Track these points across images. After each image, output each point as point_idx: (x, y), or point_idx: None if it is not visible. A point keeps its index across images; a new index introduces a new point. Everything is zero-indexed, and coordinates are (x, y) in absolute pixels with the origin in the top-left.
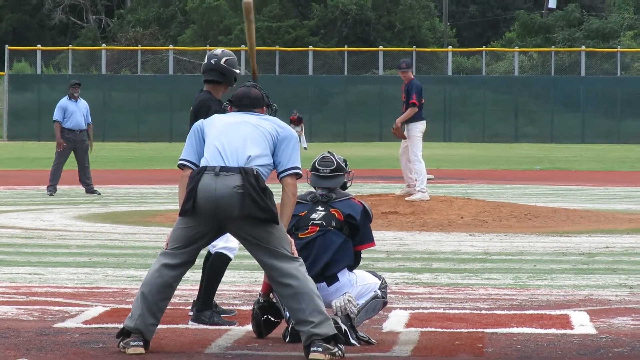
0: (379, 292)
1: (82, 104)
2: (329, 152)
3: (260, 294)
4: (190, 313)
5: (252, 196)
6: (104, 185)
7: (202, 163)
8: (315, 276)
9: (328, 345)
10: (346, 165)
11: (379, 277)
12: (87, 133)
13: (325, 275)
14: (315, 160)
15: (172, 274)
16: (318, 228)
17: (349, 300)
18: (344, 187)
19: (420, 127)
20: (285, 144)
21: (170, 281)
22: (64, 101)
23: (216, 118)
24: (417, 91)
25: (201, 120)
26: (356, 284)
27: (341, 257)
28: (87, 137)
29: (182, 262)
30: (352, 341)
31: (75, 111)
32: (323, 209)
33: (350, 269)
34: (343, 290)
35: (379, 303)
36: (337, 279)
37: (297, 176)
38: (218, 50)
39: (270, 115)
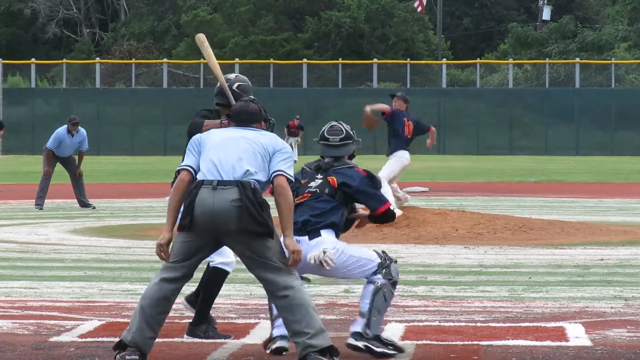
0: (379, 282)
1: (79, 136)
2: (337, 121)
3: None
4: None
5: (250, 210)
6: (98, 199)
7: (199, 177)
8: (296, 230)
9: (323, 358)
10: (354, 133)
11: (380, 256)
12: (78, 158)
13: (307, 229)
14: (324, 130)
15: (170, 287)
16: (310, 195)
17: (324, 252)
18: (352, 156)
19: (404, 155)
20: (280, 155)
21: (168, 295)
22: (63, 133)
23: (213, 133)
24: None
25: (199, 134)
26: (343, 254)
27: (325, 217)
28: (77, 161)
29: (181, 275)
30: (381, 350)
31: (68, 145)
32: (322, 176)
33: (338, 232)
34: (324, 246)
35: (387, 290)
36: (319, 234)
37: (288, 180)
38: (232, 75)
39: (267, 130)
